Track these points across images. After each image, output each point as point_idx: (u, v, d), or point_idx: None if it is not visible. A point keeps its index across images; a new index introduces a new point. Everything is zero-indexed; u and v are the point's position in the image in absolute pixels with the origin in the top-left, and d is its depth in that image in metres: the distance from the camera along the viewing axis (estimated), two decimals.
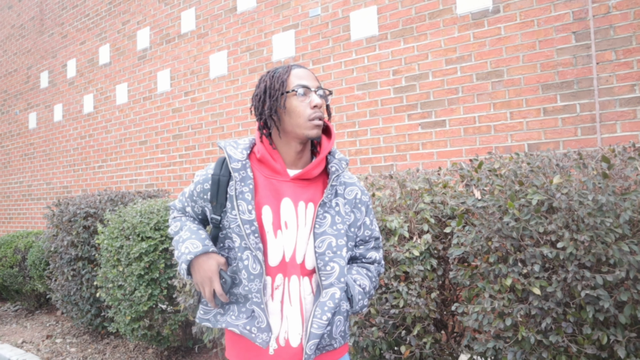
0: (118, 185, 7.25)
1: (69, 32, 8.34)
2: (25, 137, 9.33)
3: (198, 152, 6.13)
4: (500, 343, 2.19)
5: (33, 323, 5.96)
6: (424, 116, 4.29)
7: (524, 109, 3.81)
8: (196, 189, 1.66)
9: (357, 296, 1.62)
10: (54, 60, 8.66)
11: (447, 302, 2.73)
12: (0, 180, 10.02)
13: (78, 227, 4.68)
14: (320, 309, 1.52)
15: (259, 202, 1.56)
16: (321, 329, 1.51)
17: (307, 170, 1.59)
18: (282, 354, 1.54)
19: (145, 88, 6.87)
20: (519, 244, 2.14)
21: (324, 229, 1.56)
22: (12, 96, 9.78)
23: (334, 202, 1.60)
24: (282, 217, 1.56)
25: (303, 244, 1.57)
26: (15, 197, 9.55)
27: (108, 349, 4.70)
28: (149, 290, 3.78)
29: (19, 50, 9.62)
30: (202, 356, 4.22)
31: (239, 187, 1.55)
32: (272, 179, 1.59)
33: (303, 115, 1.54)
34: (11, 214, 9.67)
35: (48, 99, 8.75)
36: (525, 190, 2.16)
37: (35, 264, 5.70)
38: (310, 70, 1.62)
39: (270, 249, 1.55)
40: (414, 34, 4.37)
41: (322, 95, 1.58)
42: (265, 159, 1.60)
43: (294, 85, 1.56)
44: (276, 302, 1.55)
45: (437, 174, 2.98)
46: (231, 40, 5.82)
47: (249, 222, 1.52)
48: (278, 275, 1.55)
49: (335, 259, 1.55)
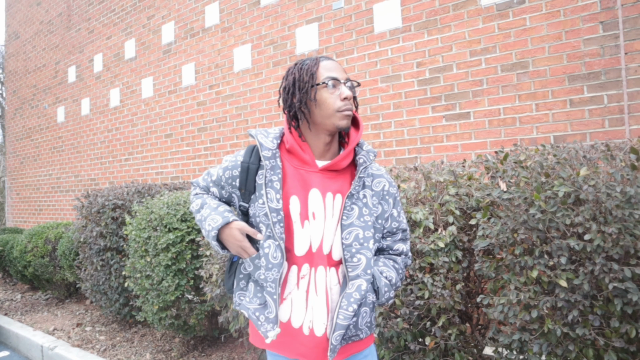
0: (144, 178, 7.37)
1: (95, 28, 8.48)
2: (54, 131, 9.54)
3: (223, 145, 6.20)
4: (526, 335, 2.20)
5: (63, 311, 6.13)
6: (448, 108, 4.27)
7: (550, 100, 3.77)
8: (225, 175, 1.68)
9: (384, 288, 1.62)
10: (81, 55, 8.82)
11: (472, 294, 2.74)
12: (31, 173, 10.27)
13: (106, 219, 4.79)
14: (346, 300, 1.54)
15: (287, 192, 1.58)
16: (347, 320, 1.53)
17: (336, 162, 1.60)
18: (308, 342, 1.58)
19: (171, 82, 6.96)
20: (545, 236, 2.13)
21: (351, 221, 1.57)
22: (41, 91, 9.99)
23: (361, 193, 1.61)
24: (310, 208, 1.57)
25: (330, 234, 1.58)
26: (45, 189, 9.78)
27: (136, 338, 4.81)
28: (176, 280, 3.85)
29: (47, 45, 9.81)
30: (228, 346, 4.29)
31: (268, 175, 1.57)
32: (301, 169, 1.61)
33: (333, 107, 1.55)
34: (41, 206, 9.91)
35: (76, 93, 8.92)
36: (551, 182, 2.15)
37: (65, 254, 5.84)
38: (338, 62, 1.63)
39: (297, 239, 1.57)
40: (437, 26, 4.35)
41: (351, 87, 1.59)
42: (295, 150, 1.62)
43: (324, 78, 1.57)
44: (301, 292, 1.58)
45: (462, 166, 2.97)
46: (255, 34, 5.86)
47: (276, 211, 1.54)
48: (304, 265, 1.58)
49: (362, 250, 1.56)
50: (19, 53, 10.89)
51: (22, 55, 10.72)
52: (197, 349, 4.31)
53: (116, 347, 4.59)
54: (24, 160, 10.57)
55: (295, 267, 1.58)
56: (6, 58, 11.55)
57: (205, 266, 3.59)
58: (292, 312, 1.59)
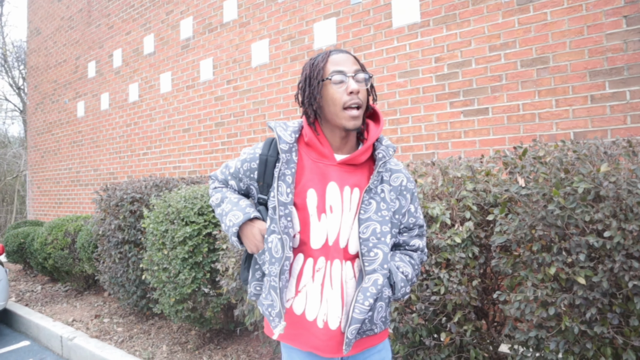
0: (162, 172, 7.44)
1: (115, 23, 8.56)
2: (74, 125, 9.67)
3: (240, 140, 6.23)
4: (543, 332, 2.18)
5: (82, 303, 6.22)
6: (466, 104, 4.24)
7: (570, 96, 3.71)
8: (243, 167, 1.69)
9: (400, 283, 1.62)
10: (100, 51, 8.92)
11: (489, 290, 2.72)
12: (51, 167, 10.42)
13: (125, 212, 4.84)
14: (362, 294, 1.54)
15: (304, 185, 1.58)
16: (363, 314, 1.53)
17: (354, 156, 1.59)
18: (322, 335, 1.58)
19: (189, 77, 7.01)
20: (564, 233, 2.11)
21: (368, 215, 1.56)
22: (61, 86, 10.13)
23: (379, 188, 1.60)
24: (328, 201, 1.57)
25: (347, 228, 1.58)
26: (65, 182, 9.92)
27: (153, 330, 4.86)
28: (193, 273, 3.88)
29: (67, 41, 9.94)
30: (244, 339, 4.32)
31: (282, 168, 1.57)
32: (319, 162, 1.61)
33: (339, 103, 1.53)
34: (61, 199, 10.06)
35: (95, 88, 9.02)
36: (570, 179, 2.12)
37: (84, 247, 5.93)
38: (350, 54, 1.60)
39: (313, 232, 1.57)
40: (456, 21, 4.31)
41: (362, 79, 1.56)
42: (313, 143, 1.61)
43: (330, 72, 1.55)
44: (316, 285, 1.58)
45: (480, 162, 2.95)
46: (273, 29, 5.87)
47: (284, 205, 1.54)
48: (320, 258, 1.58)
49: (379, 245, 1.56)
50: (40, 49, 11.05)
51: (44, 51, 10.88)
52: (213, 341, 4.35)
53: (133, 338, 4.65)
54: (44, 154, 10.74)
55: (311, 260, 1.58)
56: (28, 54, 11.73)
57: (221, 259, 3.61)
58: (307, 304, 1.59)
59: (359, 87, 1.53)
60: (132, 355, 4.18)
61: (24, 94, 19.49)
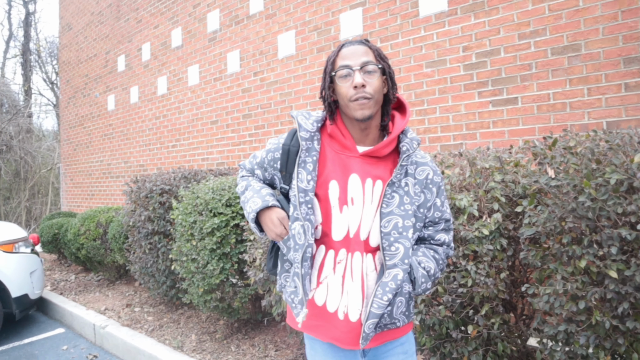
0: (190, 164, 7.53)
1: (143, 17, 8.67)
2: (104, 118, 9.85)
3: (267, 132, 6.26)
4: (573, 327, 2.14)
5: (114, 292, 6.37)
6: (495, 93, 4.17)
7: (603, 84, 3.61)
8: (267, 157, 1.70)
9: (420, 279, 1.60)
10: (129, 45, 9.05)
11: (517, 283, 2.68)
12: (84, 159, 10.66)
13: (154, 203, 4.92)
14: (381, 289, 1.53)
15: (327, 176, 1.58)
16: (381, 309, 1.52)
17: (377, 149, 1.58)
18: (343, 327, 1.58)
19: (216, 69, 7.06)
20: (595, 225, 2.06)
21: (391, 209, 1.55)
22: (92, 80, 10.32)
23: (403, 181, 1.58)
24: (349, 193, 1.56)
25: (368, 221, 1.57)
26: (97, 175, 10.14)
27: (182, 319, 4.95)
28: (221, 264, 3.93)
29: (98, 36, 10.11)
30: (271, 329, 4.37)
31: (303, 156, 1.58)
32: (342, 154, 1.60)
33: (346, 97, 1.53)
34: (93, 191, 10.29)
35: (125, 82, 9.17)
36: (602, 169, 2.07)
37: (115, 238, 6.06)
38: (362, 44, 1.56)
39: (335, 224, 1.57)
40: (485, 9, 4.23)
41: (371, 70, 1.53)
42: (335, 134, 1.61)
43: (338, 67, 1.55)
44: (337, 277, 1.58)
45: (509, 152, 2.90)
46: (299, 20, 5.86)
47: (304, 192, 1.54)
48: (341, 250, 1.57)
49: (401, 239, 1.54)
50: (71, 44, 11.27)
51: (75, 46, 11.10)
52: (241, 331, 4.40)
53: (163, 327, 4.75)
54: (77, 147, 10.99)
55: (332, 252, 1.58)
56: (60, 49, 11.98)
57: (249, 250, 3.64)
58: (328, 296, 1.59)
59: (365, 80, 1.51)
60: (162, 343, 4.27)
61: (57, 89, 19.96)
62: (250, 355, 3.90)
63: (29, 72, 20.30)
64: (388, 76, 1.59)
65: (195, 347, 4.15)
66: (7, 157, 16.13)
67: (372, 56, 1.55)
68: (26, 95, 19.97)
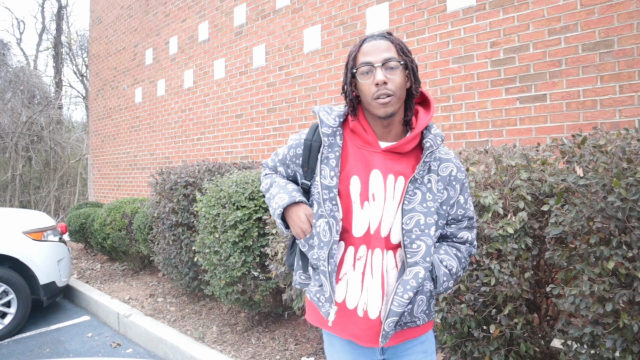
0: (215, 157, 7.59)
1: (171, 11, 8.75)
2: (132, 111, 9.99)
3: (291, 126, 6.26)
4: (599, 329, 2.09)
5: (138, 282, 6.46)
6: (523, 90, 4.09)
7: (636, 81, 3.51)
8: (289, 153, 1.69)
9: (442, 277, 1.57)
10: (157, 38, 9.14)
11: (542, 283, 2.63)
12: (111, 151, 10.83)
13: (179, 195, 4.97)
14: (402, 287, 1.51)
15: (348, 171, 1.56)
16: (402, 307, 1.50)
17: (400, 145, 1.55)
18: (362, 325, 1.56)
19: (242, 63, 7.09)
20: (625, 226, 2.00)
21: (413, 206, 1.52)
22: (120, 72, 10.47)
23: (426, 178, 1.55)
24: (370, 189, 1.54)
25: (390, 217, 1.55)
26: (123, 166, 10.29)
27: (204, 310, 5.00)
28: (243, 256, 3.96)
29: (127, 29, 10.24)
30: (291, 323, 4.38)
31: (325, 152, 1.56)
32: (363, 149, 1.58)
33: (368, 95, 1.50)
34: (119, 182, 10.45)
35: (152, 75, 9.28)
36: (634, 169, 2.01)
37: (140, 228, 6.14)
38: (384, 39, 1.52)
39: (356, 220, 1.55)
40: (514, 4, 4.15)
41: (393, 66, 1.49)
42: (357, 130, 1.59)
43: (359, 64, 1.51)
44: (357, 273, 1.56)
45: (536, 150, 2.84)
46: (325, 15, 5.84)
47: (328, 188, 1.53)
48: (361, 246, 1.55)
49: (423, 237, 1.52)
50: (101, 37, 11.45)
51: (104, 39, 11.27)
52: (262, 324, 4.43)
53: (185, 318, 4.80)
54: (104, 139, 11.17)
55: (352, 249, 1.56)
56: (90, 42, 12.18)
57: (271, 244, 3.66)
58: (347, 293, 1.58)
59: (387, 77, 1.47)
60: (184, 334, 4.32)
61: (87, 81, 20.31)
62: (270, 348, 3.92)
63: (60, 64, 20.70)
64: (411, 71, 1.55)
65: (216, 339, 4.19)
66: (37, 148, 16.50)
67: (395, 51, 1.52)
68: (57, 87, 20.38)
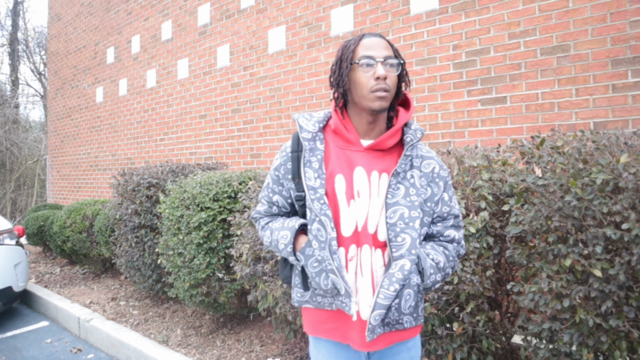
0: (178, 158, 7.49)
1: (133, 9, 8.59)
2: (92, 111, 9.76)
3: (255, 127, 6.23)
4: (557, 324, 2.15)
5: (99, 286, 6.32)
6: (484, 92, 4.18)
7: (591, 85, 3.64)
8: (280, 172, 1.68)
9: (429, 270, 1.55)
10: (119, 37, 8.96)
11: (503, 281, 2.69)
12: (71, 151, 10.56)
13: (141, 197, 4.89)
14: (388, 279, 1.49)
15: (332, 170, 1.57)
16: (388, 299, 1.48)
17: (381, 141, 1.57)
18: (353, 325, 1.56)
19: (206, 63, 7.02)
20: (581, 224, 2.07)
21: (396, 200, 1.53)
22: (81, 71, 10.22)
23: (408, 173, 1.57)
24: (355, 186, 1.55)
25: (376, 214, 1.55)
26: (84, 167, 10.05)
27: (167, 313, 4.92)
28: (207, 258, 3.91)
29: (87, 27, 10.00)
30: (257, 324, 4.36)
31: (307, 156, 1.57)
32: (346, 149, 1.60)
33: (366, 87, 1.51)
34: (80, 183, 10.20)
35: (114, 74, 9.08)
36: (589, 169, 2.08)
37: (101, 231, 6.01)
38: (383, 38, 1.57)
39: (343, 219, 1.55)
40: (476, 8, 4.24)
41: (392, 64, 1.54)
42: (339, 130, 1.61)
43: (359, 56, 1.53)
44: (350, 274, 1.54)
45: (497, 151, 2.91)
46: (290, 15, 5.83)
47: (314, 189, 1.53)
48: (351, 246, 1.55)
49: (407, 230, 1.51)
50: (60, 34, 11.14)
51: (64, 37, 10.97)
52: (227, 326, 4.39)
53: (148, 321, 4.72)
54: (64, 139, 10.88)
55: (343, 250, 1.55)
56: (48, 39, 11.84)
57: (235, 245, 3.63)
58: None
59: (387, 73, 1.51)
60: (147, 338, 4.24)
61: (45, 79, 19.74)
62: (235, 350, 3.89)
63: (16, 62, 20.05)
64: (404, 72, 1.59)
65: (180, 342, 4.13)
66: None
67: (392, 51, 1.57)
68: (13, 85, 19.73)
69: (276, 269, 3.26)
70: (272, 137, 6.03)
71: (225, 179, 4.14)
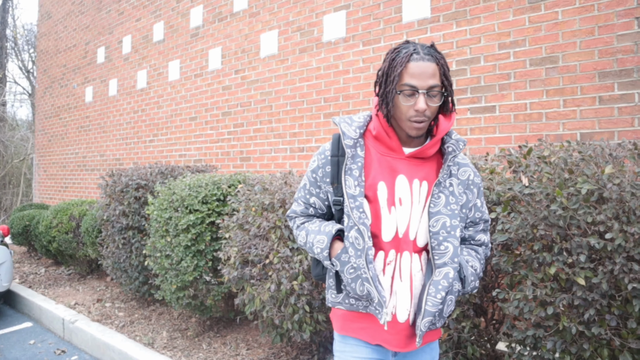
0: (167, 160, 7.46)
1: (125, 9, 8.57)
2: (81, 110, 9.70)
3: (246, 130, 6.24)
4: (540, 332, 2.18)
5: (85, 287, 6.27)
6: (474, 101, 4.23)
7: (579, 96, 3.70)
8: (319, 174, 1.70)
9: (470, 277, 1.62)
10: (110, 37, 8.93)
11: (488, 288, 2.72)
12: (58, 151, 10.47)
13: (129, 198, 4.87)
14: (434, 287, 1.54)
15: (374, 178, 1.59)
16: (435, 307, 1.53)
17: (423, 150, 1.59)
18: (391, 329, 1.58)
19: (197, 65, 7.01)
20: (565, 233, 2.11)
21: (438, 209, 1.57)
22: (70, 70, 10.15)
23: (448, 182, 1.61)
24: (397, 194, 1.58)
25: (416, 221, 1.59)
26: (71, 167, 9.97)
27: (154, 315, 4.90)
28: (195, 261, 3.91)
29: (78, 26, 9.95)
30: (243, 328, 4.35)
31: (349, 163, 1.58)
32: (388, 156, 1.61)
33: (405, 115, 1.52)
34: (67, 183, 10.12)
35: (104, 74, 9.04)
36: (574, 179, 2.12)
37: (88, 231, 5.97)
38: (429, 62, 1.50)
39: (385, 225, 1.57)
40: (467, 17, 4.29)
41: (435, 94, 1.51)
42: (381, 136, 1.62)
43: (403, 83, 1.51)
44: (387, 277, 1.58)
45: (485, 160, 2.94)
46: (282, 20, 5.86)
47: (354, 197, 1.55)
48: (391, 251, 1.58)
49: (449, 238, 1.56)
50: (50, 33, 11.07)
51: (54, 35, 10.90)
52: (213, 329, 4.38)
53: (134, 323, 4.69)
54: (52, 138, 10.79)
55: (382, 253, 1.58)
56: (38, 37, 11.76)
57: (223, 248, 3.63)
58: None
59: (427, 106, 1.50)
60: (133, 340, 4.22)
61: (33, 78, 19.58)
62: (221, 353, 3.88)
63: (4, 59, 19.86)
64: (450, 94, 1.57)
65: (166, 344, 4.11)
66: None
67: (439, 76, 1.52)
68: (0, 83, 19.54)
69: (263, 272, 3.27)
70: (262, 141, 6.04)
71: (214, 182, 4.14)
